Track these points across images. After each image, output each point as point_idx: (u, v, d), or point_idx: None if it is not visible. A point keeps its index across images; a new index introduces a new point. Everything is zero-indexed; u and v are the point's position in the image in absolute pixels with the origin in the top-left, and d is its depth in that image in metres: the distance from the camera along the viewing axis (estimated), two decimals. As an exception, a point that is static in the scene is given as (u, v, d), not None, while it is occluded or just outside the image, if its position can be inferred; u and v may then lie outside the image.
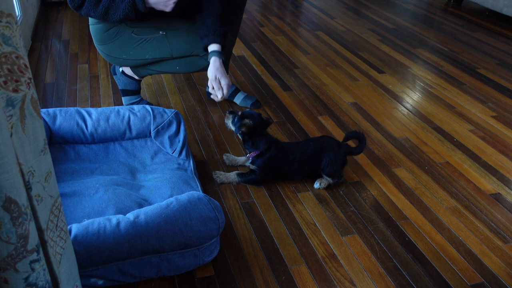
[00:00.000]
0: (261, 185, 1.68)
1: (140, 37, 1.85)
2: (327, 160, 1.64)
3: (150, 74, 2.06)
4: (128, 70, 2.05)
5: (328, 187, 1.68)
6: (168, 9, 1.73)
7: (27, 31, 2.82)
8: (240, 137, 1.70)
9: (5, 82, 0.66)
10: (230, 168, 1.78)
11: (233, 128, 1.68)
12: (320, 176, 1.69)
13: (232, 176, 1.68)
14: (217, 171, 1.71)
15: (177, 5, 1.74)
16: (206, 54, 1.86)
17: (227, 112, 1.71)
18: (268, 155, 1.65)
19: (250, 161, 1.71)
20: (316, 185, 1.68)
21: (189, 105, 2.24)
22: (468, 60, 2.95)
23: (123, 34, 1.85)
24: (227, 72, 2.26)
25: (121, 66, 2.05)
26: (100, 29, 1.87)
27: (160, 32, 1.84)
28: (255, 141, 1.65)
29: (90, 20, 1.88)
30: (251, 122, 1.62)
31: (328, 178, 1.67)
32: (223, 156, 1.82)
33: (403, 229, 1.52)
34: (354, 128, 2.09)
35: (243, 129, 1.62)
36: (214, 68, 1.78)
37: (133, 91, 2.11)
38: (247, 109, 1.97)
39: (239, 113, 1.67)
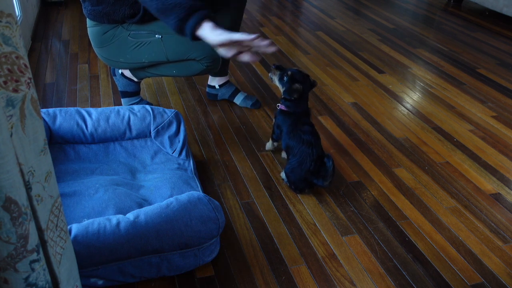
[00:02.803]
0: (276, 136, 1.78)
1: (136, 40, 1.85)
2: (294, 160, 1.61)
3: (149, 77, 2.06)
4: (127, 72, 2.05)
5: (328, 188, 1.68)
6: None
7: (27, 31, 2.82)
8: (282, 88, 1.70)
9: (5, 82, 0.66)
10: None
11: (278, 84, 1.71)
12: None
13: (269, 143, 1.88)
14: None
15: None
16: (202, 59, 1.84)
17: (273, 65, 1.71)
18: (283, 116, 1.70)
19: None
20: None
21: (189, 105, 2.24)
22: (468, 60, 2.95)
23: (119, 37, 1.85)
24: (227, 73, 2.26)
25: (119, 69, 2.05)
26: (97, 32, 1.87)
27: (156, 36, 1.83)
28: (293, 98, 1.67)
29: (88, 22, 1.88)
30: (301, 87, 1.65)
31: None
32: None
33: (403, 229, 1.52)
34: (354, 129, 2.09)
35: (295, 96, 1.64)
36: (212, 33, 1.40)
37: (132, 93, 2.11)
38: (295, 68, 1.79)
39: (289, 73, 1.66)
